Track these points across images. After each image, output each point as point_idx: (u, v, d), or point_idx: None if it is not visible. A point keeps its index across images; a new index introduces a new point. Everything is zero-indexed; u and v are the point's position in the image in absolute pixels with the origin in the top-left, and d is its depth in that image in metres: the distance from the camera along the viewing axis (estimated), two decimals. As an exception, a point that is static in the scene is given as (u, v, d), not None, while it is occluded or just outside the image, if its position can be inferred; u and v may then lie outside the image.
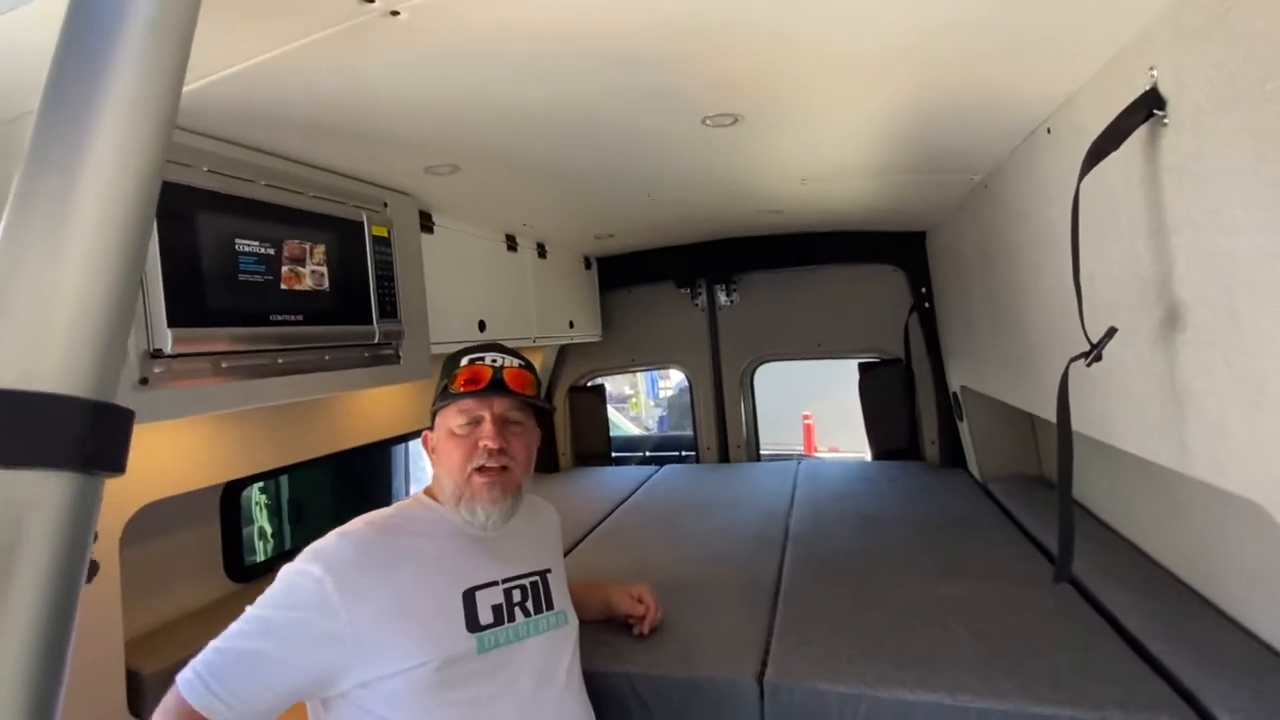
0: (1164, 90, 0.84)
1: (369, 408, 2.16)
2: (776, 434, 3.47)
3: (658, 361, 3.41)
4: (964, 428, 2.56)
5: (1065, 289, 1.21)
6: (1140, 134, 0.90)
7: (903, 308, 2.82)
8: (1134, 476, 1.67)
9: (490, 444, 1.11)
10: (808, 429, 8.51)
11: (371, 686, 0.97)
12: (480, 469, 1.12)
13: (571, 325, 2.79)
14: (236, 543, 1.87)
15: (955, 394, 2.57)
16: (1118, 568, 1.54)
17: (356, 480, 2.66)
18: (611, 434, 3.71)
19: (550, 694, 1.10)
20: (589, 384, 3.50)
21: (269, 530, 2.73)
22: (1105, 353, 1.02)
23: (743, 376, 3.19)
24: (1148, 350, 0.96)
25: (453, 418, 1.14)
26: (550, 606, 1.18)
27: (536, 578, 1.19)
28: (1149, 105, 0.85)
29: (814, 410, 8.44)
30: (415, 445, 2.90)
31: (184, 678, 0.93)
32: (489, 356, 1.17)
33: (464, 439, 1.13)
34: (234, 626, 0.97)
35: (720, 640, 1.35)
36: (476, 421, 1.14)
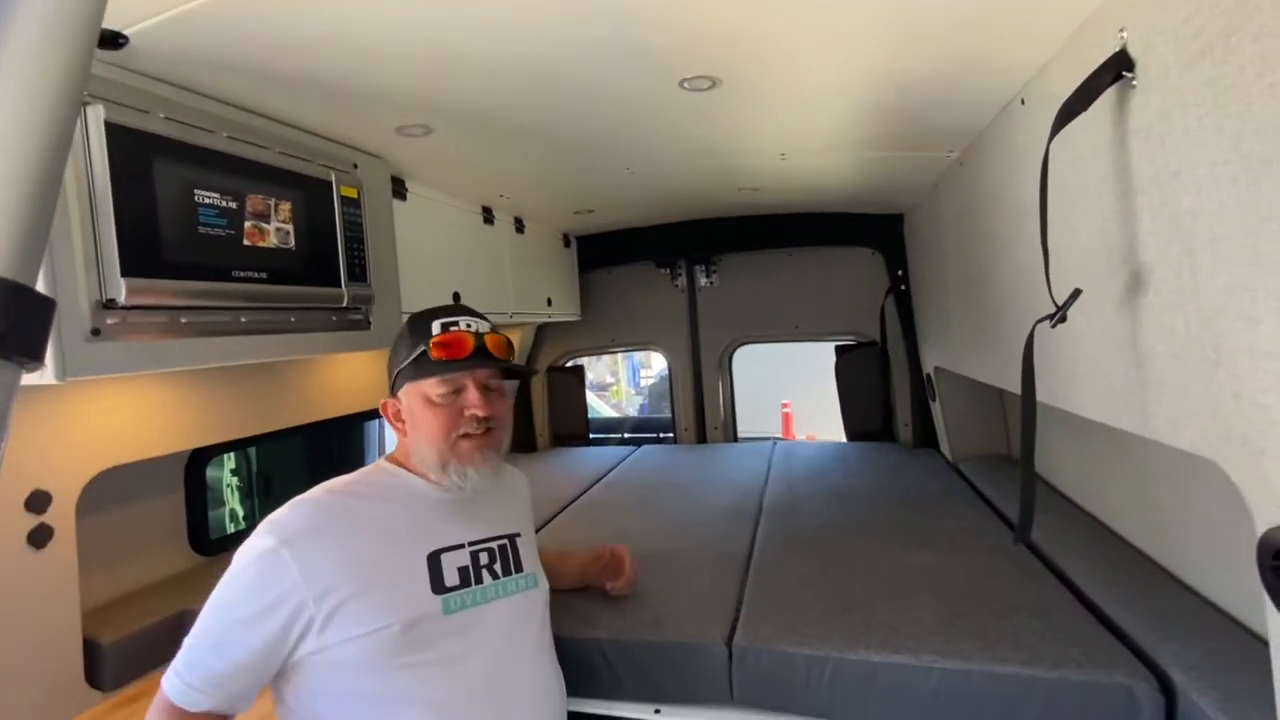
0: (1133, 52, 0.84)
1: (341, 380, 2.13)
2: (755, 422, 3.48)
3: (637, 342, 3.40)
4: (936, 409, 2.60)
5: (1036, 261, 1.22)
6: (1109, 98, 0.90)
7: (879, 291, 2.85)
8: (1100, 455, 1.71)
9: (479, 412, 1.09)
10: (786, 417, 8.60)
11: (335, 649, 0.96)
12: (466, 435, 1.10)
13: (550, 303, 2.77)
14: (202, 515, 1.83)
15: (928, 375, 2.60)
16: (1082, 541, 1.58)
17: (328, 457, 2.61)
18: (589, 416, 3.70)
19: (519, 655, 1.09)
20: (568, 364, 3.48)
21: (240, 514, 2.68)
22: (1071, 322, 1.03)
23: (721, 358, 3.20)
24: (1111, 316, 0.97)
25: (431, 387, 1.10)
26: (519, 569, 1.17)
27: (505, 540, 1.18)
28: (1118, 66, 0.85)
29: (792, 399, 8.52)
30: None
31: (165, 677, 0.94)
32: (463, 321, 1.13)
33: (445, 407, 1.10)
34: (200, 616, 0.95)
35: (691, 606, 1.36)
36: (458, 389, 1.11)
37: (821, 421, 3.81)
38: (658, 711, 1.24)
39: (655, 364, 12.68)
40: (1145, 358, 0.90)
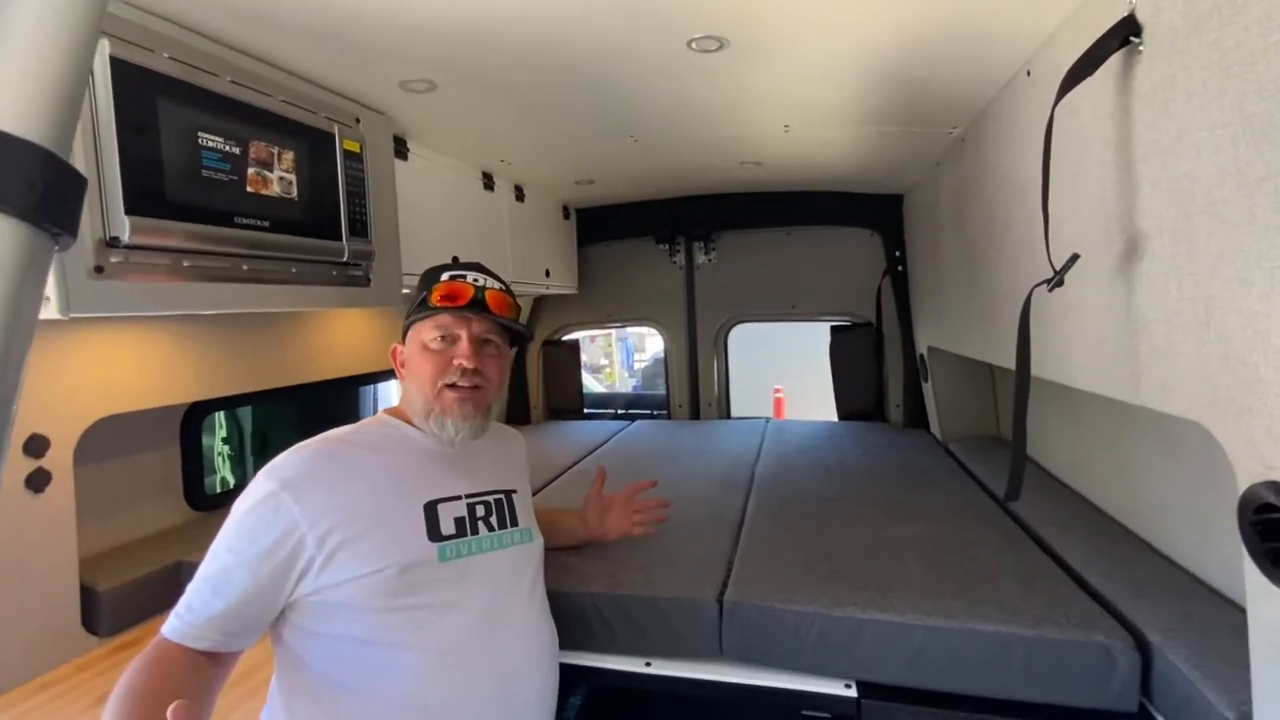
0: (1141, 16, 0.85)
1: (339, 341, 2.13)
2: (748, 406, 3.50)
3: (633, 318, 3.40)
4: (928, 389, 2.63)
5: (1034, 237, 1.23)
6: (1114, 64, 0.91)
7: (876, 272, 2.86)
8: (1089, 437, 1.74)
9: (466, 363, 1.10)
10: (778, 402, 8.66)
11: (333, 590, 0.97)
12: (452, 385, 1.11)
13: (548, 274, 2.77)
14: (197, 470, 1.83)
15: (922, 356, 2.63)
16: (1066, 515, 1.61)
17: (321, 423, 2.62)
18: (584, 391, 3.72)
19: (513, 606, 1.11)
20: (563, 338, 3.48)
21: (231, 482, 2.67)
22: (1066, 292, 1.05)
23: (717, 336, 3.21)
24: (1107, 284, 0.99)
25: (427, 331, 1.12)
26: (515, 524, 1.18)
27: (501, 496, 1.20)
28: (1125, 31, 0.86)
29: (784, 384, 8.57)
30: (383, 388, 2.86)
31: (166, 622, 0.94)
32: (470, 275, 1.14)
33: (437, 354, 1.11)
34: (204, 561, 0.96)
35: (683, 566, 1.38)
36: (453, 339, 1.12)
37: (812, 407, 3.84)
38: (648, 664, 1.27)
39: (650, 347, 12.70)
40: (1138, 324, 0.92)
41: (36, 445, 1.26)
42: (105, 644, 1.39)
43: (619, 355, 13.35)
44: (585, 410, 3.55)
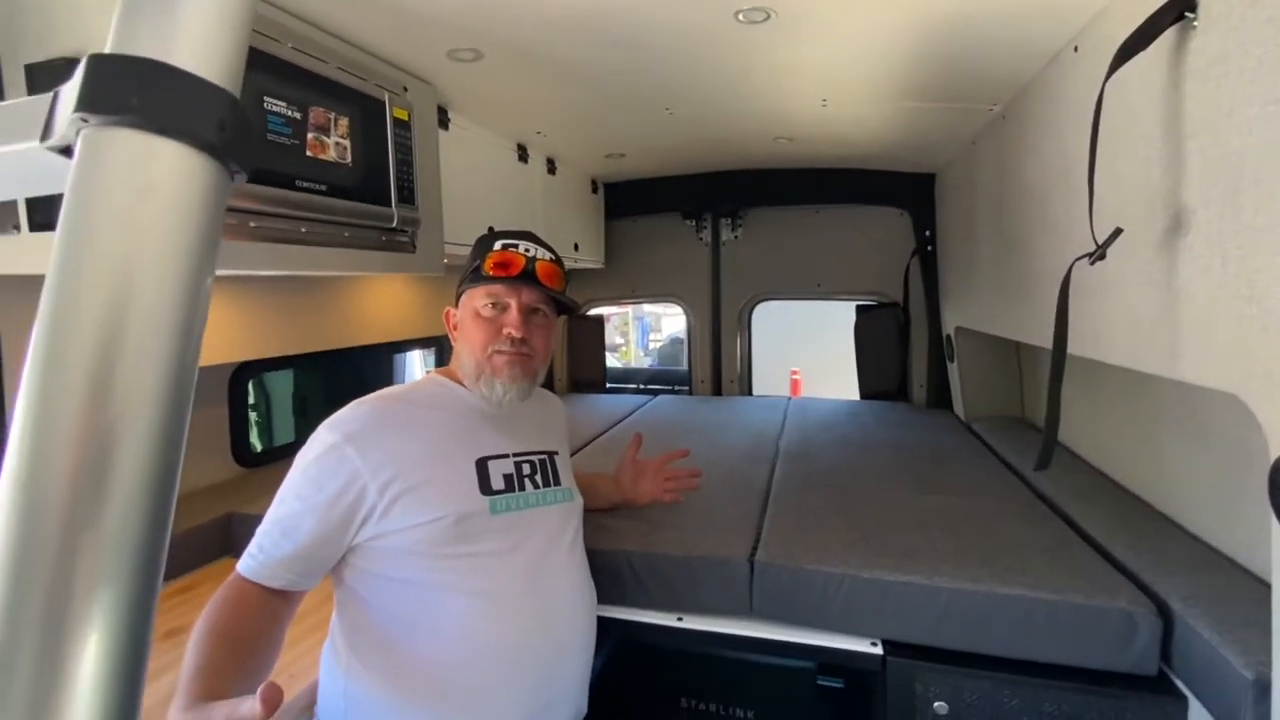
0: (1198, -10, 0.85)
1: (378, 308, 2.19)
2: (764, 388, 3.52)
3: (658, 294, 3.43)
4: (953, 369, 2.64)
5: (1074, 214, 1.24)
6: (1167, 40, 0.92)
7: (904, 252, 2.86)
8: (1115, 418, 1.75)
9: (515, 332, 1.14)
10: (795, 384, 8.68)
11: (392, 537, 1.03)
12: (501, 351, 1.16)
13: (576, 248, 2.80)
14: (244, 429, 1.91)
15: (948, 336, 2.64)
16: (1092, 493, 1.63)
17: (360, 386, 2.69)
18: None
19: (556, 558, 1.17)
20: (588, 313, 3.52)
21: (259, 448, 2.75)
22: (1105, 267, 1.06)
23: (741, 314, 3.23)
24: (1148, 259, 1.00)
25: (480, 299, 1.16)
26: (557, 483, 1.24)
27: (544, 456, 1.25)
28: (1180, 7, 0.87)
29: (801, 366, 8.57)
30: (413, 356, 2.93)
31: (240, 561, 1.00)
32: (522, 245, 1.18)
33: (489, 322, 1.16)
34: (271, 506, 1.02)
35: (714, 528, 1.43)
36: (503, 307, 1.16)
37: (831, 390, 3.85)
38: (680, 619, 1.32)
39: (666, 328, 12.71)
40: (1178, 298, 0.94)
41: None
42: (166, 586, 1.48)
43: (635, 335, 13.39)
44: (607, 385, 3.60)
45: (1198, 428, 1.37)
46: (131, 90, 0.31)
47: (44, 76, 0.93)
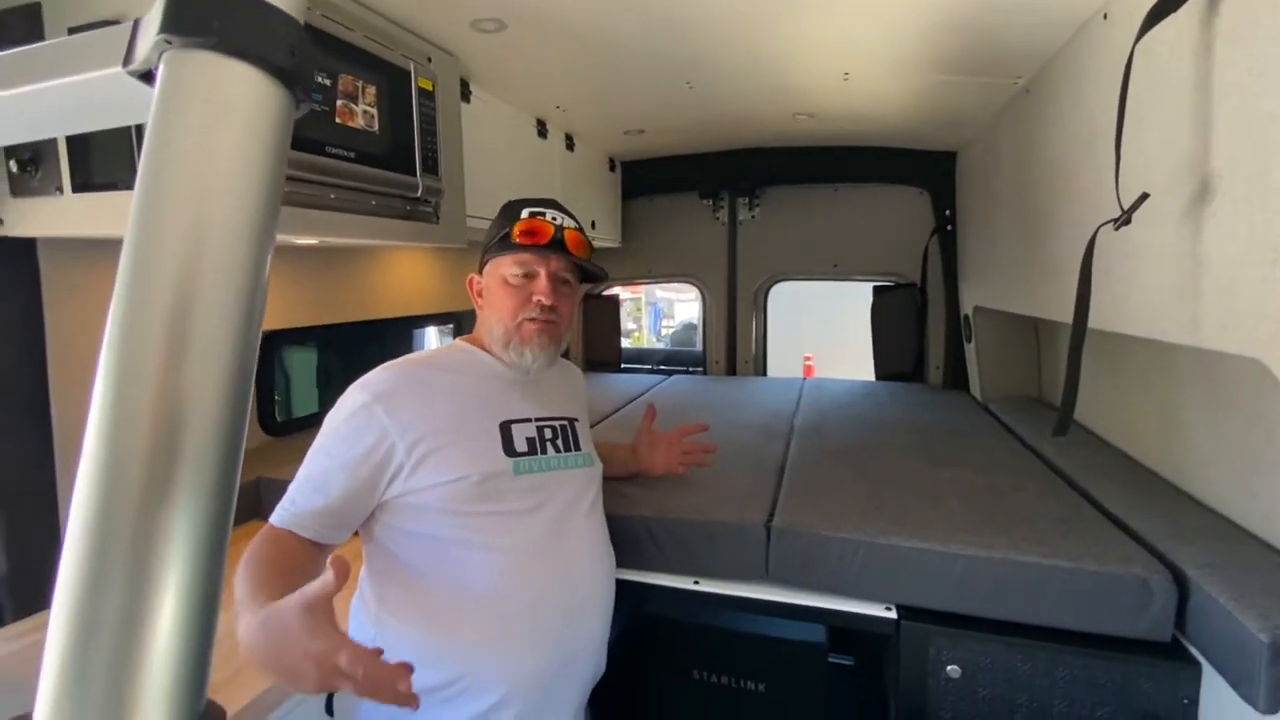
0: (1231, -49, 0.85)
1: (398, 282, 2.22)
2: (777, 373, 3.52)
3: (673, 273, 3.43)
4: (970, 349, 2.63)
5: (1099, 186, 1.23)
6: (1198, 2, 0.91)
7: (923, 232, 2.84)
8: (1133, 395, 1.75)
9: (545, 300, 1.16)
10: (808, 369, 8.67)
11: (419, 494, 1.06)
12: (531, 319, 1.18)
13: (593, 226, 2.81)
14: (270, 397, 1.96)
15: (966, 316, 2.62)
16: (1109, 468, 1.64)
17: (382, 359, 2.75)
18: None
19: (576, 520, 1.20)
20: (603, 292, 3.54)
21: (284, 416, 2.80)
22: (1129, 235, 1.06)
23: (757, 294, 3.23)
24: (1173, 226, 1.00)
25: (508, 267, 1.18)
26: (577, 448, 1.26)
27: (565, 422, 1.27)
28: (1215, -33, 0.86)
29: (814, 352, 8.56)
30: (430, 333, 2.97)
31: (273, 515, 1.03)
32: (549, 213, 1.19)
33: (517, 289, 1.18)
34: (303, 465, 1.05)
35: (731, 495, 1.46)
36: (531, 275, 1.18)
37: (843, 376, 3.85)
38: (696, 583, 1.35)
39: (679, 314, 12.69)
40: (1202, 265, 0.93)
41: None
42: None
43: (647, 319, 13.39)
44: (622, 365, 3.63)
45: (1217, 404, 1.37)
46: (212, 14, 0.33)
47: (86, 40, 0.96)
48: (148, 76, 0.36)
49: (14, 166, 1.08)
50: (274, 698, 1.02)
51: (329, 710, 1.16)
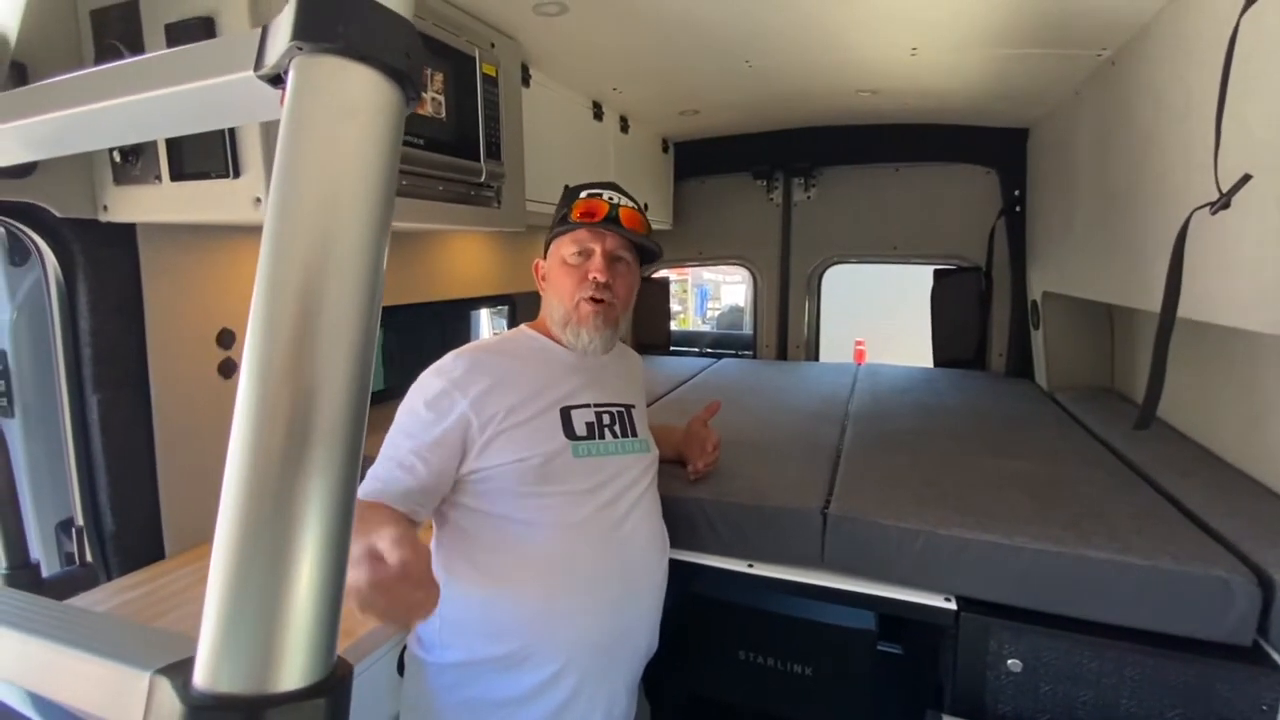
0: (1363, -93, 0.78)
1: (457, 264, 2.28)
2: (827, 357, 3.46)
3: (725, 256, 3.40)
4: (1038, 337, 2.53)
5: (1192, 165, 1.16)
6: (1321, -35, 0.84)
7: (988, 214, 2.72)
8: (1218, 391, 1.65)
9: (599, 276, 1.19)
10: (859, 354, 8.49)
11: (487, 472, 1.11)
12: (589, 299, 1.20)
13: (646, 209, 2.80)
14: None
15: (1034, 301, 2.52)
16: (1188, 464, 1.55)
17: (442, 339, 2.84)
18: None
19: (632, 501, 1.22)
20: (653, 275, 3.54)
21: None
22: (1223, 224, 1.00)
23: (810, 278, 3.17)
24: (1276, 214, 0.94)
25: (566, 246, 1.21)
26: (634, 434, 1.28)
27: (622, 409, 1.29)
28: (1341, -74, 0.79)
29: (866, 336, 8.36)
30: (483, 315, 3.04)
31: (361, 488, 1.07)
32: (606, 194, 1.23)
33: (575, 269, 1.21)
34: (384, 445, 1.10)
35: (786, 480, 1.45)
36: (588, 254, 1.20)
37: (896, 361, 3.75)
38: (750, 565, 1.36)
39: (726, 296, 12.57)
40: (1309, 252, 0.88)
41: (226, 338, 1.46)
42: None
43: (693, 302, 13.31)
44: (671, 347, 3.63)
45: None
46: (338, 20, 0.35)
47: (181, 35, 1.01)
48: (274, 79, 0.38)
49: (116, 157, 1.15)
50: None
51: (400, 670, 1.23)
